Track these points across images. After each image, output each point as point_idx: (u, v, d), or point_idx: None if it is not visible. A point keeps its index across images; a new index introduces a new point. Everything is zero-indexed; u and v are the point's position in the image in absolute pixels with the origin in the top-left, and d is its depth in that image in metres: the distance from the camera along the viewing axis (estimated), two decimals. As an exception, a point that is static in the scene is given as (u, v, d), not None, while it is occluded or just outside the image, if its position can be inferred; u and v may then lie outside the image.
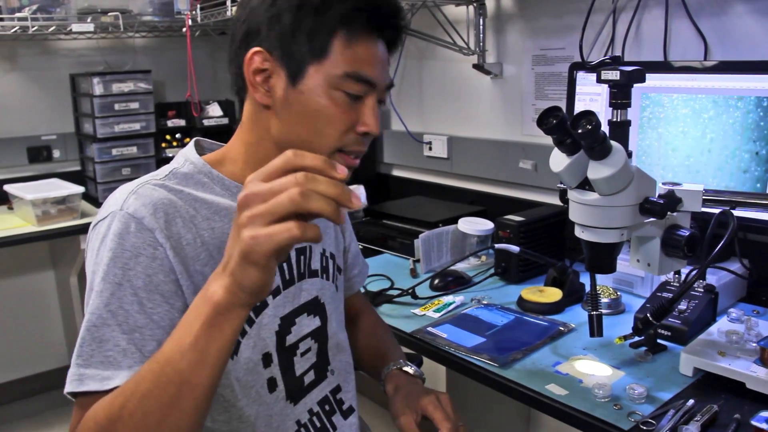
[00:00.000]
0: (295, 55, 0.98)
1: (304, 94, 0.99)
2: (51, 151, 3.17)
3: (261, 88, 1.01)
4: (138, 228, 0.93)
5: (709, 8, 1.70)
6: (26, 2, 2.66)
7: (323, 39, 0.98)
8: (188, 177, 1.04)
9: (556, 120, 1.13)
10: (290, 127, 1.02)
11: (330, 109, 1.00)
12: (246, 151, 1.07)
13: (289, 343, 1.11)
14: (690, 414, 1.12)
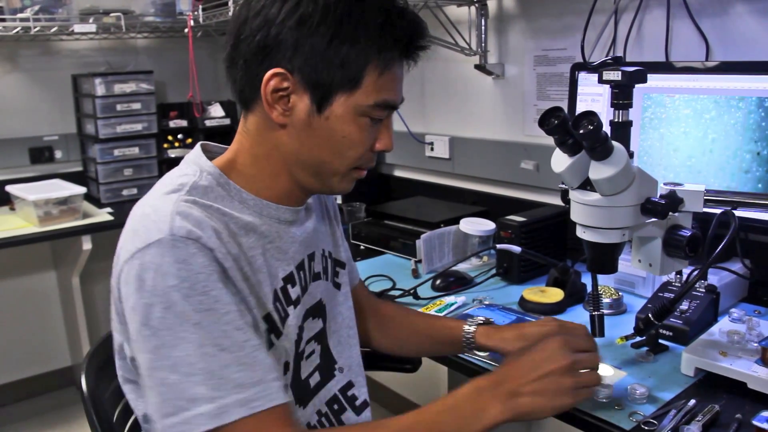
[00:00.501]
0: (324, 83, 0.96)
1: (329, 120, 0.99)
2: (53, 151, 3.17)
3: (278, 107, 0.99)
4: (199, 249, 0.90)
5: (711, 9, 1.70)
6: (28, 3, 2.67)
7: (357, 69, 0.96)
8: (209, 191, 1.00)
9: (557, 120, 1.13)
10: (310, 149, 1.01)
11: (356, 135, 1.00)
12: (253, 164, 1.05)
13: (300, 350, 1.11)
14: (691, 414, 1.12)
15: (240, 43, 0.99)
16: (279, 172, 1.05)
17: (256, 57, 0.97)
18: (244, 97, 1.02)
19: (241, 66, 0.99)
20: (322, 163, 1.02)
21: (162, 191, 0.98)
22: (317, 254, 1.17)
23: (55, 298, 3.25)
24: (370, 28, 0.96)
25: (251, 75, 0.99)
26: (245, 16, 0.98)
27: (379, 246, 2.17)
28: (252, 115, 1.04)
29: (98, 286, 3.27)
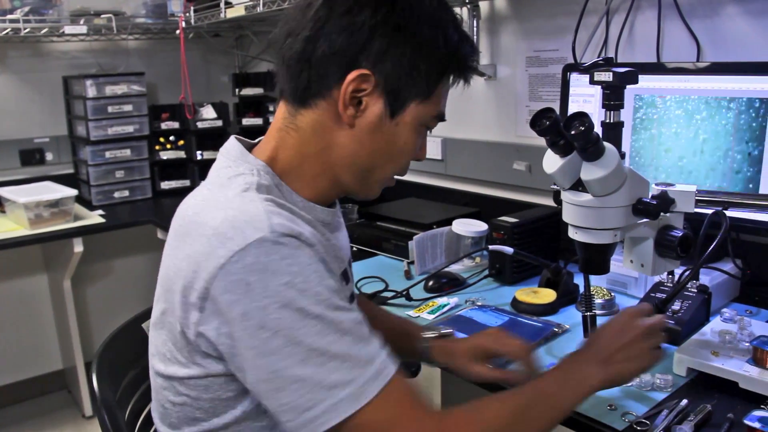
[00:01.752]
0: (403, 91, 0.99)
1: (398, 126, 1.02)
2: (44, 153, 3.16)
3: (351, 108, 0.99)
4: (300, 244, 0.89)
5: (702, 10, 1.71)
6: (18, 4, 2.66)
7: (434, 81, 1.01)
8: (271, 190, 0.99)
9: (549, 121, 1.13)
10: (369, 152, 1.03)
11: (414, 143, 1.05)
12: (300, 162, 1.04)
13: None
14: (683, 414, 1.12)
15: (318, 39, 0.97)
16: (322, 172, 1.05)
17: (338, 56, 0.97)
18: (307, 93, 1.01)
19: (316, 62, 0.98)
20: (374, 167, 1.05)
21: (232, 192, 0.96)
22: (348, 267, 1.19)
23: (47, 301, 3.24)
24: (450, 44, 1.01)
25: (326, 72, 0.98)
26: (326, 15, 0.97)
27: (372, 247, 2.17)
28: (309, 111, 1.02)
29: (90, 289, 3.26)
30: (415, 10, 0.98)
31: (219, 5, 2.41)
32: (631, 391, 1.23)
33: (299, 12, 1.00)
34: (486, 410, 0.96)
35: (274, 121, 1.07)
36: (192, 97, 3.03)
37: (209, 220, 0.92)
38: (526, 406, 0.99)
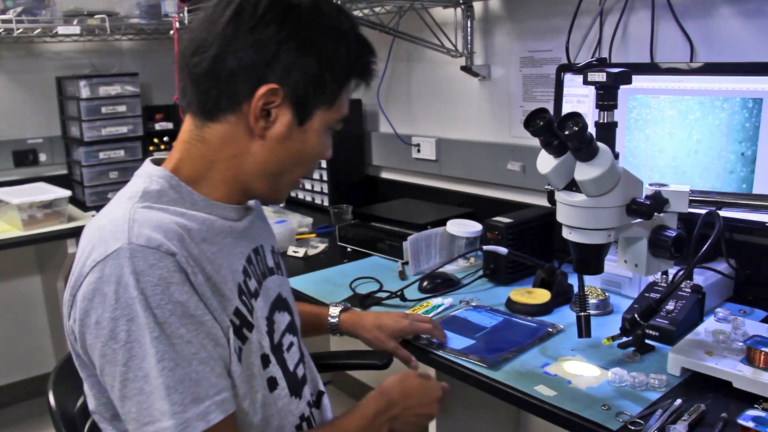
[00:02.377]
0: (309, 101, 1.03)
1: (306, 133, 1.05)
2: (37, 154, 3.15)
3: (262, 120, 1.02)
4: (158, 257, 0.91)
5: (695, 10, 1.71)
6: (11, 4, 2.64)
7: (338, 89, 1.05)
8: (162, 194, 1.02)
9: (543, 122, 1.13)
10: (280, 159, 1.06)
11: (321, 149, 1.09)
12: (207, 169, 1.06)
13: (276, 342, 1.12)
14: (678, 413, 1.12)
15: (226, 56, 0.99)
16: (234, 177, 1.07)
17: (246, 72, 0.99)
18: (216, 107, 1.02)
19: (225, 78, 1.00)
20: (284, 172, 1.08)
21: (115, 204, 1.01)
22: (266, 250, 1.19)
23: (40, 302, 3.23)
24: (351, 53, 1.06)
25: (235, 88, 1.00)
26: (233, 32, 0.99)
27: (366, 248, 2.17)
28: (217, 125, 1.03)
29: (84, 290, 3.24)
30: (317, 24, 1.02)
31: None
32: (625, 390, 1.23)
33: (204, 27, 1.02)
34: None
35: (180, 134, 1.09)
36: (186, 98, 3.02)
37: (87, 232, 0.99)
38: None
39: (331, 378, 2.93)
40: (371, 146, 2.82)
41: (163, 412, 0.89)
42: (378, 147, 2.80)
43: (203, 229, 1.02)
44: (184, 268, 0.93)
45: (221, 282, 1.00)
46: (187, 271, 0.93)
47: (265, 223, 1.27)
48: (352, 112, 2.68)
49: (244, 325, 1.03)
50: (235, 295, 1.02)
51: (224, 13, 1.00)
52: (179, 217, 0.99)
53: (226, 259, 1.04)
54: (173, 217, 0.98)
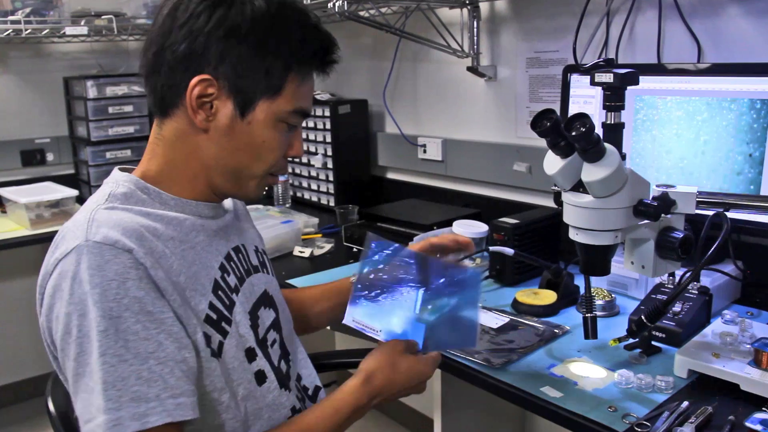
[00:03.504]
0: (248, 90, 1.03)
1: (251, 125, 1.04)
2: (45, 154, 3.16)
3: (202, 113, 1.03)
4: (115, 253, 0.92)
5: (703, 10, 1.71)
6: (19, 5, 2.66)
7: (279, 78, 1.03)
8: (129, 196, 1.04)
9: (549, 122, 1.13)
10: (231, 153, 1.06)
11: (274, 140, 1.07)
12: (171, 169, 1.08)
13: (261, 336, 1.13)
14: (684, 416, 1.12)
15: (164, 51, 1.02)
16: (196, 174, 1.09)
17: (182, 64, 1.02)
18: (164, 104, 1.06)
19: (165, 73, 1.03)
20: (241, 167, 1.08)
21: (82, 208, 1.04)
22: (248, 249, 1.20)
23: (47, 301, 3.24)
24: (292, 41, 1.04)
25: (174, 82, 1.03)
26: (170, 27, 1.02)
27: (372, 248, 2.16)
28: (170, 121, 1.06)
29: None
30: (249, 13, 1.01)
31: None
32: (631, 392, 1.23)
33: (152, 27, 1.06)
34: None
35: (149, 138, 1.12)
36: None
37: (57, 234, 1.02)
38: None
39: (336, 378, 2.94)
40: (377, 147, 2.82)
41: (99, 408, 0.87)
42: (384, 147, 2.80)
43: (171, 227, 1.03)
44: (143, 263, 0.93)
45: (191, 277, 1.02)
46: (146, 266, 0.93)
47: (247, 223, 1.28)
48: (358, 112, 2.71)
49: (222, 319, 1.04)
50: (208, 290, 1.04)
51: (163, 12, 1.03)
52: (144, 217, 1.01)
53: (199, 256, 1.05)
54: (137, 217, 1.00)
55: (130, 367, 0.89)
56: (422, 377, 1.18)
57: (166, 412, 0.90)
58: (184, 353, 0.95)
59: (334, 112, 2.62)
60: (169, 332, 0.93)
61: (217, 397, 1.01)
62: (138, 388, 0.89)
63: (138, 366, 0.90)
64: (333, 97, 2.82)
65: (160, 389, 0.90)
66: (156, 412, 0.89)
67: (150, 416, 0.88)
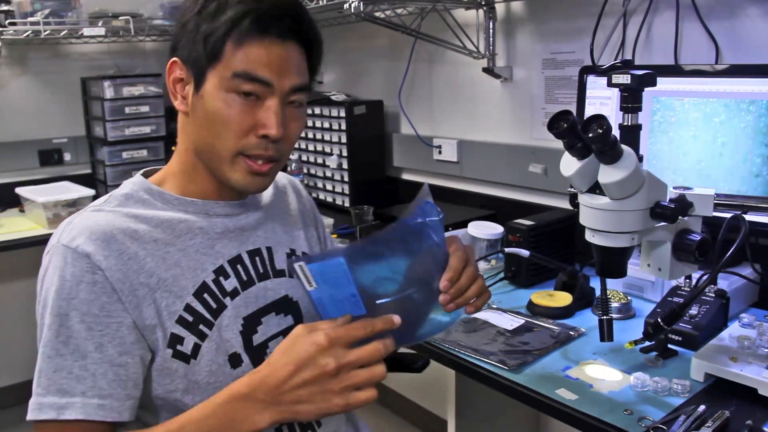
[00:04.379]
0: (198, 62, 1.02)
1: (203, 98, 1.03)
2: (62, 154, 3.19)
3: (179, 96, 1.07)
4: (74, 257, 0.97)
5: (721, 11, 1.69)
6: (38, 7, 2.68)
7: (216, 42, 1.01)
8: (128, 197, 1.08)
9: (566, 124, 1.13)
10: (198, 131, 1.06)
11: (224, 111, 1.02)
12: (180, 162, 1.12)
13: (257, 343, 1.10)
14: (701, 420, 1.11)
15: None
16: (195, 165, 1.10)
17: (168, 56, 1.08)
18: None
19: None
20: (207, 147, 1.05)
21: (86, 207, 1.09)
22: (276, 251, 1.18)
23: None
24: (229, 4, 1.02)
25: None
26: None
27: (387, 249, 2.16)
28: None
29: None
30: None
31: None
32: (647, 395, 1.22)
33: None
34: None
35: None
36: (208, 99, 3.04)
37: None
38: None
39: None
40: (392, 147, 2.82)
41: (34, 388, 0.97)
42: (399, 148, 2.80)
43: (160, 229, 1.05)
44: (101, 267, 0.97)
45: (168, 279, 1.02)
46: (103, 269, 0.97)
47: (293, 225, 1.26)
48: (374, 113, 2.71)
49: (201, 322, 1.03)
50: (188, 293, 1.03)
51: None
52: (129, 219, 1.03)
53: (187, 258, 1.05)
54: (119, 219, 1.03)
55: (65, 362, 0.96)
56: (320, 357, 0.89)
57: (85, 409, 0.94)
58: (125, 358, 0.98)
59: (349, 113, 2.62)
60: (113, 336, 0.97)
61: (180, 398, 1.02)
62: (66, 382, 0.95)
63: (72, 362, 0.96)
64: (348, 98, 2.82)
65: (87, 387, 0.95)
66: (75, 407, 0.94)
67: (67, 409, 0.94)
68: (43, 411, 0.94)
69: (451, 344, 1.46)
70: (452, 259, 1.05)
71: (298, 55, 1.05)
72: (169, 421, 0.97)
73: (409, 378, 1.63)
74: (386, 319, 0.93)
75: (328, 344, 0.89)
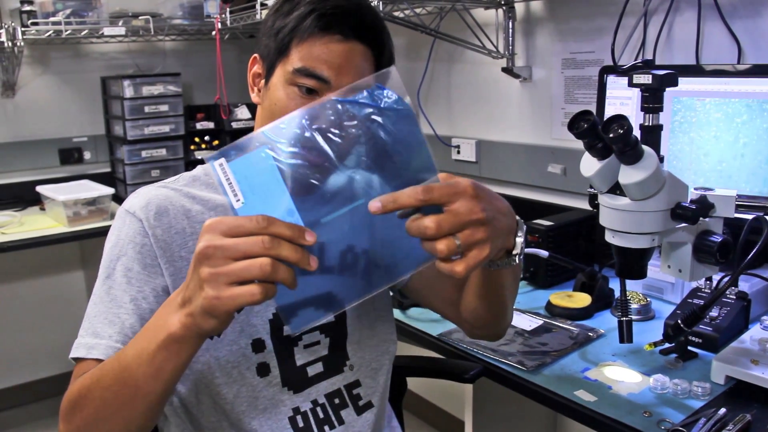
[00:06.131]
0: (269, 56, 1.08)
1: (269, 90, 1.09)
2: (82, 152, 3.21)
3: (255, 89, 1.14)
4: (131, 221, 1.07)
5: (743, 10, 1.68)
6: (60, 7, 2.70)
7: (284, 38, 1.06)
8: (196, 179, 1.16)
9: (587, 124, 1.12)
10: (264, 122, 1.06)
11: (284, 102, 1.05)
12: None
13: (287, 333, 1.12)
14: (722, 423, 1.10)
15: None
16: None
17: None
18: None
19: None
20: None
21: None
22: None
23: (83, 297, 3.29)
24: (300, 3, 1.07)
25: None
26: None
27: (405, 249, 2.16)
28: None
29: (125, 287, 3.29)
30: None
31: (255, 6, 2.42)
32: (667, 398, 1.21)
33: None
34: (76, 385, 0.94)
35: None
36: (227, 98, 3.05)
37: None
38: (99, 375, 0.90)
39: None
40: (410, 147, 2.81)
41: (79, 332, 1.03)
42: (417, 148, 2.79)
43: (214, 212, 1.11)
44: (148, 234, 1.06)
45: None
46: (149, 234, 1.06)
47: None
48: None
49: None
50: None
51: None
52: (187, 199, 1.11)
53: None
54: (177, 197, 1.11)
55: (103, 308, 1.03)
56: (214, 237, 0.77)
57: (107, 351, 0.98)
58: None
59: (367, 113, 2.61)
60: (147, 294, 1.04)
61: (201, 369, 1.07)
62: (100, 325, 1.01)
63: (107, 309, 1.02)
64: (366, 98, 2.82)
65: (114, 332, 1.00)
66: (100, 348, 0.99)
67: (94, 349, 0.99)
68: (78, 349, 1.00)
69: (469, 345, 1.46)
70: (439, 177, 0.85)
71: (362, 55, 1.05)
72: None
73: (426, 378, 1.63)
74: (291, 226, 0.75)
75: (206, 229, 0.77)
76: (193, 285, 0.79)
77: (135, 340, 0.88)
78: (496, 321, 1.17)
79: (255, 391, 1.10)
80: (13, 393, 3.21)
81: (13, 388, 3.22)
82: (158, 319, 0.85)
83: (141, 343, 0.86)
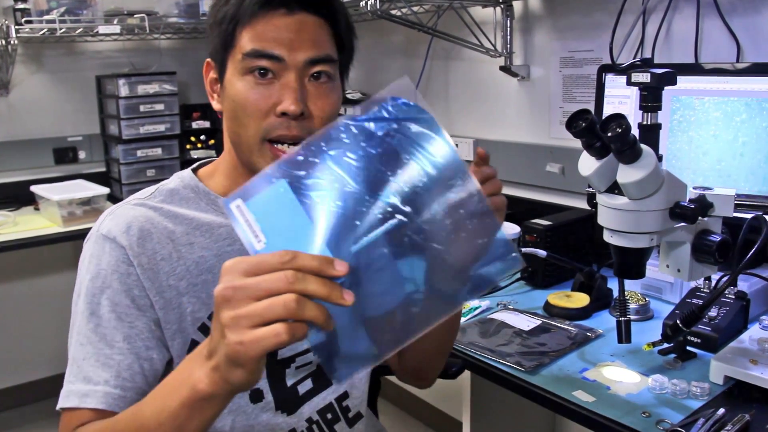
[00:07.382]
0: (218, 54, 1.02)
1: (226, 88, 1.02)
2: (77, 152, 3.19)
3: (215, 95, 1.07)
4: (111, 247, 0.99)
5: (742, 8, 1.67)
6: (54, 5, 2.69)
7: (228, 27, 0.99)
8: (173, 193, 1.07)
9: (585, 123, 1.11)
10: (228, 126, 1.05)
11: (242, 94, 0.98)
12: (225, 160, 1.10)
13: (282, 357, 1.09)
14: (721, 423, 1.09)
15: None
16: (235, 164, 1.08)
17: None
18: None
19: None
20: (237, 138, 1.02)
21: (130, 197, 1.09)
22: None
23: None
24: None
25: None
26: None
27: (402, 248, 2.16)
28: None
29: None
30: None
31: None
32: (665, 398, 1.21)
33: None
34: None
35: None
36: (223, 97, 3.04)
37: None
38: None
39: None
40: (407, 146, 2.80)
41: (65, 378, 0.96)
42: (414, 147, 2.78)
43: (198, 232, 1.04)
44: (132, 261, 0.98)
45: (198, 285, 1.02)
46: (135, 264, 0.98)
47: None
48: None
49: None
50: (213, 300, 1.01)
51: None
52: (168, 219, 1.03)
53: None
54: (158, 218, 1.03)
55: (93, 349, 0.95)
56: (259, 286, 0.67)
57: (106, 399, 0.93)
58: (152, 353, 0.98)
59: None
60: (141, 329, 0.98)
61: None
62: (92, 369, 0.94)
63: (99, 350, 0.95)
64: (364, 96, 2.81)
65: (110, 376, 0.94)
66: (97, 396, 0.93)
67: (89, 397, 0.93)
68: (68, 398, 0.94)
69: (466, 345, 1.45)
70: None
71: (314, 26, 0.99)
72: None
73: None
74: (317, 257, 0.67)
75: (225, 270, 0.70)
76: (216, 334, 0.70)
77: (153, 395, 0.81)
78: (439, 366, 1.28)
79: (250, 419, 1.07)
80: (7, 394, 3.20)
81: (6, 390, 3.20)
82: (181, 373, 0.77)
83: (161, 399, 0.78)
